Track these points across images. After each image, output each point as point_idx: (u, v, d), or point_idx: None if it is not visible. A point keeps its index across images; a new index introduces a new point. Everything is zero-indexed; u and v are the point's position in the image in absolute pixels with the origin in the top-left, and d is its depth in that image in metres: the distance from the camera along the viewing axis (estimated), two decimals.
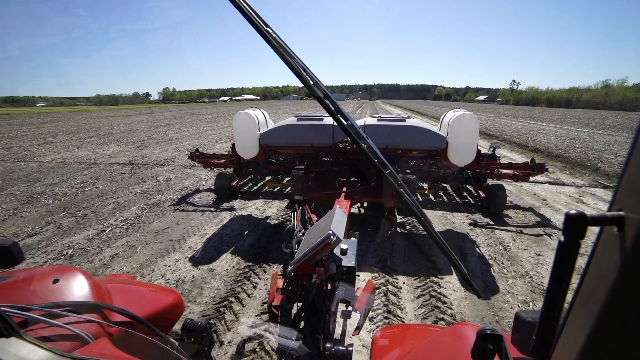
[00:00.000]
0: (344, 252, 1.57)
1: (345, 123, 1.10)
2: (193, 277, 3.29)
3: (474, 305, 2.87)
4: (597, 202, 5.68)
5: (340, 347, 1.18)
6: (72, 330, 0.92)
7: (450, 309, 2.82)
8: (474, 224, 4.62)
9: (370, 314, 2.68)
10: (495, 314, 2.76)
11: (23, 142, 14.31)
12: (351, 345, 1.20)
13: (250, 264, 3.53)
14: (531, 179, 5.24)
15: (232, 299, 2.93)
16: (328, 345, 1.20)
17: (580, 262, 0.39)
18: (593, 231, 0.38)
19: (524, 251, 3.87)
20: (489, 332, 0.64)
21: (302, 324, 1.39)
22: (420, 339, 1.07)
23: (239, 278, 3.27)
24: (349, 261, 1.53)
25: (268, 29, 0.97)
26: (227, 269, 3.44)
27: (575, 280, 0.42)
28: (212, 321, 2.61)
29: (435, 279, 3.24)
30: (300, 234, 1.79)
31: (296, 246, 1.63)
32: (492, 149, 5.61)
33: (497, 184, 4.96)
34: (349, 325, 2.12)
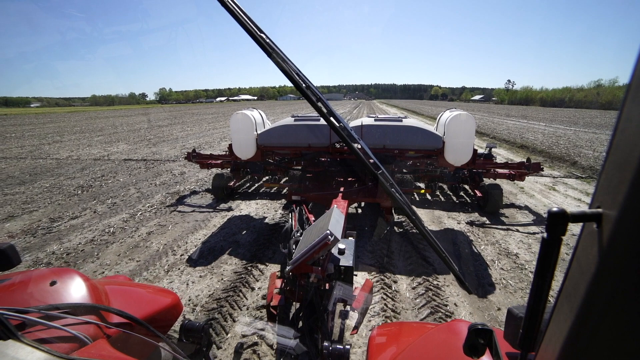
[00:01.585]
0: (341, 251, 1.58)
1: (338, 125, 1.12)
2: (222, 247, 3.96)
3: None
4: (566, 190, 6.43)
5: (338, 346, 1.18)
6: (70, 332, 0.92)
7: (433, 265, 3.52)
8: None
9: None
10: (475, 270, 3.47)
11: (33, 141, 14.83)
12: (349, 344, 1.32)
13: (268, 237, 4.22)
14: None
15: (256, 262, 3.60)
16: (326, 344, 1.20)
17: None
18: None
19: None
20: (480, 327, 0.65)
21: (300, 324, 1.41)
22: (415, 336, 1.08)
23: (260, 247, 3.94)
24: (346, 261, 1.53)
25: (262, 34, 0.98)
26: (249, 241, 4.12)
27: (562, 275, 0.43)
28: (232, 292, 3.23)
29: (421, 246, 3.94)
30: (298, 234, 1.78)
31: (294, 246, 1.63)
32: (488, 149, 5.67)
33: (494, 184, 5.01)
34: (347, 324, 2.15)
